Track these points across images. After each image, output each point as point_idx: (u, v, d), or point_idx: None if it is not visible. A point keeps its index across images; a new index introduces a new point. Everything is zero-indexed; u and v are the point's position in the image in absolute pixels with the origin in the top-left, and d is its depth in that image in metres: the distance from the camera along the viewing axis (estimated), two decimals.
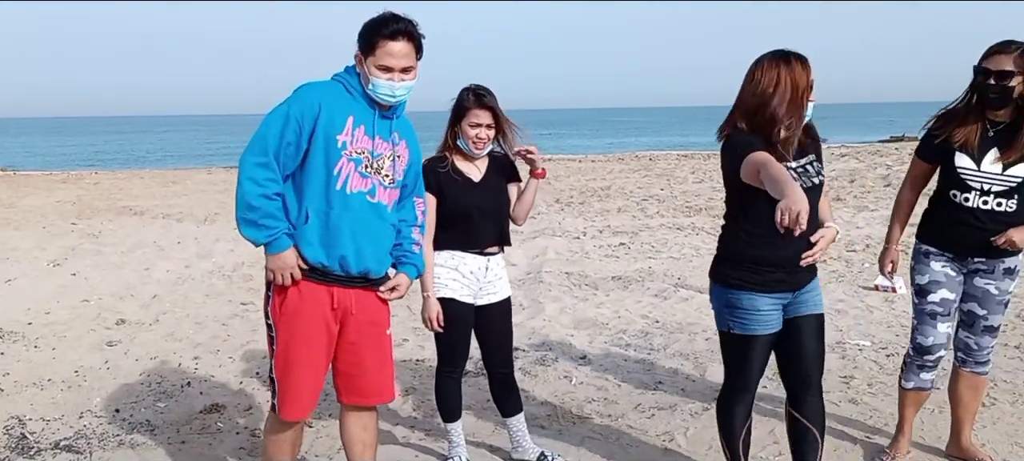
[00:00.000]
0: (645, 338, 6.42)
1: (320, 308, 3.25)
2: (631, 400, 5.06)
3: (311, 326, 3.25)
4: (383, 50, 3.11)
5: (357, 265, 3.24)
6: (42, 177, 21.98)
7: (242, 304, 7.61)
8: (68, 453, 4.42)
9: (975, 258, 3.87)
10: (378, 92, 3.17)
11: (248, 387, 5.41)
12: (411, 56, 3.17)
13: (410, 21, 3.16)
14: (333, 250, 3.20)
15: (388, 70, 3.13)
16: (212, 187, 17.98)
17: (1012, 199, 3.74)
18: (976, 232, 3.78)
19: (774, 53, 3.29)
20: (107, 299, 7.81)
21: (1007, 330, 6.40)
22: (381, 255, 3.33)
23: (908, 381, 4.09)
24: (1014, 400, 4.94)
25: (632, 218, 12.59)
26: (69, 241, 10.99)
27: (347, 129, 3.17)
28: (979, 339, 3.97)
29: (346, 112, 3.18)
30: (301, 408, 3.34)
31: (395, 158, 3.29)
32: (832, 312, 6.88)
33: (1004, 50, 3.64)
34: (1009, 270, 3.87)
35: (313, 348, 3.27)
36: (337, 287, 3.26)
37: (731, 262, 3.42)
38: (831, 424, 4.68)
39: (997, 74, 3.63)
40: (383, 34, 3.11)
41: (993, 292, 3.89)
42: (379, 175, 3.25)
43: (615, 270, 8.91)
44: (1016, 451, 4.30)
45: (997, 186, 3.73)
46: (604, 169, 20.92)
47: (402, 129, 3.34)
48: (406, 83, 3.18)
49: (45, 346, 6.29)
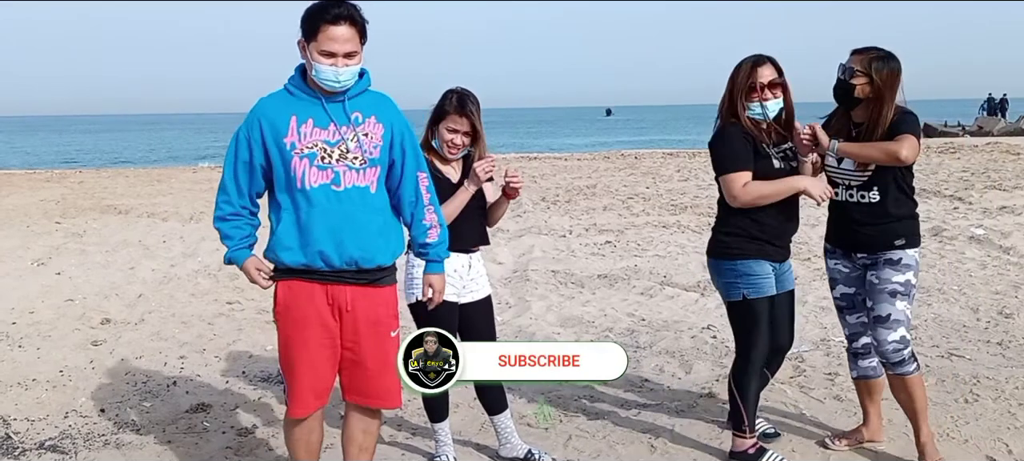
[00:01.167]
0: (631, 336, 6.45)
1: (314, 306, 3.27)
2: (617, 398, 5.08)
3: (305, 324, 3.28)
4: (325, 35, 3.11)
5: (339, 257, 3.23)
6: (25, 176, 21.83)
7: (228, 303, 7.59)
8: (53, 453, 4.40)
9: (858, 254, 4.02)
10: (322, 78, 3.16)
11: (234, 386, 5.40)
12: (354, 40, 3.15)
13: (353, 5, 3.16)
14: (310, 247, 3.22)
15: (331, 55, 3.13)
16: (197, 186, 17.90)
17: (873, 190, 3.90)
18: (852, 224, 3.98)
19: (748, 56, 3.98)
20: (92, 298, 7.77)
21: (989, 327, 6.46)
22: (366, 242, 3.26)
23: (852, 371, 4.31)
24: (996, 396, 4.98)
25: (618, 216, 12.61)
26: (53, 240, 10.93)
27: (292, 129, 3.20)
28: (875, 332, 3.97)
29: (288, 114, 3.22)
30: (303, 405, 3.36)
31: (360, 137, 3.24)
32: (817, 310, 6.93)
33: (859, 52, 3.88)
34: (891, 261, 3.92)
35: (309, 346, 3.29)
36: (331, 284, 3.27)
37: (737, 236, 3.97)
38: (817, 420, 4.73)
39: (846, 69, 3.87)
40: (325, 19, 3.11)
41: (875, 282, 3.95)
42: (345, 160, 3.22)
43: (601, 268, 8.93)
44: (999, 447, 4.34)
45: (854, 181, 3.94)
46: (590, 167, 20.95)
47: (367, 107, 3.28)
48: (351, 68, 3.17)
49: (29, 346, 6.26)
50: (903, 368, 3.96)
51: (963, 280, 7.93)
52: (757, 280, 3.96)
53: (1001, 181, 14.87)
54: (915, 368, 3.99)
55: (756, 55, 3.95)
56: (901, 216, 3.94)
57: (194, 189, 17.28)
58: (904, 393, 4.02)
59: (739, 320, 4.06)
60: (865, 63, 3.82)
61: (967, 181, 14.89)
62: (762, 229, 3.96)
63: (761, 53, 3.95)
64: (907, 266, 3.93)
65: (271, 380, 5.49)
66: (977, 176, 15.68)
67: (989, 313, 6.84)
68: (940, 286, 7.69)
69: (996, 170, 16.64)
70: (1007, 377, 5.29)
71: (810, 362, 5.70)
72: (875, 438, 4.31)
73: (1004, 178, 15.31)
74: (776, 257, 4.03)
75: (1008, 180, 14.99)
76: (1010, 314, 6.79)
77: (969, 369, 5.48)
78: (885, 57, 3.83)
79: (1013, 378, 5.27)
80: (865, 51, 3.86)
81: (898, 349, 3.92)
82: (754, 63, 3.91)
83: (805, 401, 5.02)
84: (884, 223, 3.92)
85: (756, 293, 3.97)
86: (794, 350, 5.90)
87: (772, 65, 3.92)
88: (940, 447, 4.32)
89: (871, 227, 3.94)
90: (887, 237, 3.93)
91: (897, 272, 3.92)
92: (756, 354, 4.03)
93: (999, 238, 9.79)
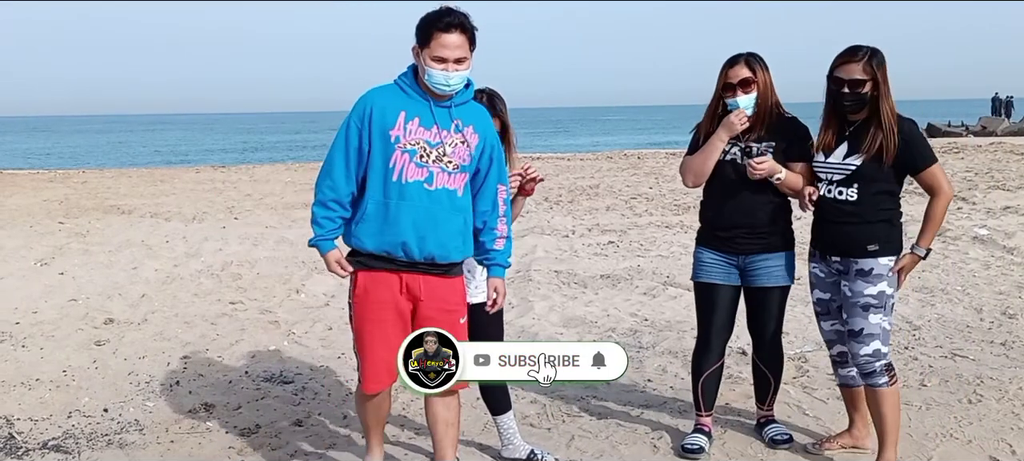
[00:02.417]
0: (634, 336, 6.44)
1: (389, 292, 3.52)
2: (620, 398, 5.08)
3: (379, 307, 3.53)
4: (437, 42, 3.35)
5: (420, 251, 3.47)
6: (28, 176, 21.86)
7: (231, 303, 7.59)
8: (56, 453, 4.40)
9: (832, 257, 3.95)
10: (433, 82, 3.40)
11: (237, 386, 5.41)
12: (464, 47, 3.40)
13: (464, 14, 3.40)
14: (394, 237, 3.46)
15: (442, 61, 3.36)
16: (200, 186, 17.92)
17: (851, 187, 3.84)
18: (827, 225, 3.94)
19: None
20: (95, 298, 7.78)
21: (993, 327, 6.45)
22: (445, 240, 3.49)
23: (836, 377, 4.33)
24: (999, 397, 4.97)
25: (621, 216, 12.61)
26: (56, 240, 10.94)
27: (399, 124, 3.43)
28: (849, 345, 3.94)
29: (398, 109, 3.45)
30: (377, 381, 3.61)
31: (457, 144, 3.48)
32: None
33: (852, 58, 3.80)
34: (862, 272, 3.83)
35: (384, 327, 3.53)
36: (405, 273, 3.51)
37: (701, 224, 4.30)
38: (820, 420, 4.72)
39: (850, 83, 3.78)
40: (438, 26, 3.35)
41: (848, 294, 3.89)
42: (440, 162, 3.45)
43: (604, 268, 8.93)
44: (1002, 447, 4.33)
45: (836, 174, 3.88)
46: (593, 168, 20.95)
47: (467, 116, 3.53)
48: (461, 73, 3.41)
49: (33, 346, 6.27)
50: (874, 380, 3.90)
51: (967, 280, 7.92)
52: (699, 267, 4.25)
53: (1005, 181, 14.85)
54: (887, 381, 3.88)
55: (734, 54, 4.11)
56: (878, 219, 3.84)
57: (197, 189, 17.31)
58: (875, 406, 3.95)
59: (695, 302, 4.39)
60: (866, 68, 3.76)
61: (971, 181, 14.87)
62: (706, 218, 4.25)
63: (739, 52, 4.10)
64: (879, 276, 3.82)
65: (274, 380, 5.50)
66: (981, 176, 15.66)
67: (993, 313, 6.83)
68: (944, 286, 7.68)
69: (1000, 170, 16.61)
70: (1011, 378, 5.29)
71: (813, 362, 5.69)
72: (859, 444, 4.26)
73: (1008, 178, 15.28)
74: (726, 248, 4.15)
75: (1012, 180, 14.96)
76: (1014, 314, 6.78)
77: (973, 370, 5.47)
78: (874, 53, 3.79)
79: (1017, 379, 5.27)
80: (854, 56, 3.79)
81: (870, 362, 3.88)
82: (729, 63, 4.08)
83: (808, 401, 5.02)
84: (857, 224, 3.84)
85: (695, 277, 4.28)
86: (797, 350, 5.91)
87: (746, 64, 4.06)
88: (943, 447, 4.32)
89: (845, 227, 3.87)
90: (860, 240, 3.83)
91: (869, 283, 3.83)
92: (701, 335, 4.31)
93: (1003, 238, 9.77)
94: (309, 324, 6.85)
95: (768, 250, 4.13)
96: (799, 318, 6.61)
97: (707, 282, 4.22)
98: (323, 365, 5.80)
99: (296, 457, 4.34)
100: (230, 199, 15.59)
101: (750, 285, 4.20)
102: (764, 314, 4.25)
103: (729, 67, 4.08)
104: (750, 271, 4.16)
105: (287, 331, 6.68)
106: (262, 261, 9.47)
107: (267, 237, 11.11)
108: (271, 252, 10.03)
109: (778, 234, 4.16)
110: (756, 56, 4.12)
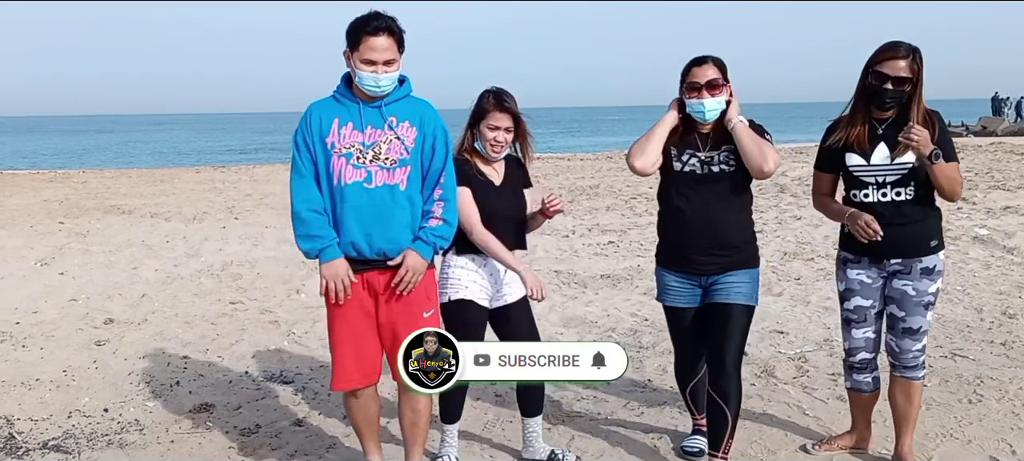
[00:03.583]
0: (634, 336, 6.44)
1: (354, 291, 3.58)
2: (620, 398, 5.08)
3: (347, 308, 3.61)
4: (366, 45, 3.43)
5: (370, 248, 3.54)
6: (29, 176, 21.88)
7: (231, 303, 7.59)
8: (57, 453, 4.41)
9: (891, 260, 3.83)
10: (363, 84, 3.48)
11: (237, 386, 5.41)
12: (393, 49, 3.47)
13: (391, 18, 3.47)
14: (344, 238, 3.54)
15: (372, 63, 3.44)
16: (200, 186, 17.94)
17: (909, 186, 3.75)
18: (885, 227, 3.72)
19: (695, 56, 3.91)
20: (95, 298, 7.78)
21: (993, 327, 6.45)
22: (394, 234, 3.55)
23: (846, 381, 4.18)
24: (1000, 397, 4.97)
25: (621, 216, 12.62)
26: (56, 240, 10.95)
27: (334, 131, 3.53)
28: (900, 341, 3.90)
29: (331, 116, 3.56)
30: (345, 380, 3.68)
31: (391, 141, 3.53)
32: (820, 310, 6.91)
33: (896, 53, 3.67)
34: (927, 270, 3.80)
35: (350, 327, 3.63)
36: (366, 272, 3.58)
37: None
38: (820, 420, 4.72)
39: (895, 79, 3.67)
40: (367, 30, 3.43)
41: (910, 293, 3.83)
42: (377, 161, 3.52)
43: (604, 268, 8.93)
44: (1002, 447, 4.33)
45: (891, 176, 3.75)
46: (593, 167, 20.96)
47: (402, 112, 3.57)
48: (390, 74, 3.48)
49: (33, 346, 6.27)
50: (915, 374, 3.94)
51: (967, 280, 7.92)
52: (664, 291, 4.04)
53: (1005, 181, 14.84)
54: (924, 374, 3.98)
55: (701, 55, 3.84)
56: (932, 214, 3.82)
57: (197, 189, 17.31)
58: (904, 397, 3.98)
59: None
60: (910, 66, 3.65)
61: (971, 181, 14.86)
62: (662, 238, 4.03)
63: (707, 54, 3.85)
64: (939, 273, 3.84)
65: (274, 379, 5.50)
66: (981, 176, 15.65)
67: (993, 313, 6.83)
68: (944, 286, 7.66)
69: (1000, 170, 16.61)
70: (1011, 377, 5.29)
71: (813, 362, 5.69)
72: (861, 445, 4.27)
73: (1008, 178, 15.28)
74: (683, 267, 3.91)
75: (1012, 180, 14.96)
76: (1014, 314, 6.78)
77: (973, 370, 5.47)
78: (916, 51, 3.69)
79: (1017, 379, 5.26)
80: (897, 51, 3.67)
81: (916, 357, 3.91)
82: (695, 63, 3.82)
83: (808, 401, 5.01)
84: (919, 221, 3.78)
85: (662, 300, 4.09)
86: (797, 350, 5.91)
87: (715, 66, 3.79)
88: (944, 447, 4.32)
89: (908, 227, 3.77)
90: (923, 238, 3.79)
91: (932, 281, 3.82)
92: (678, 354, 4.22)
93: (1003, 238, 9.77)
94: (309, 324, 6.85)
95: (732, 268, 3.85)
96: (799, 318, 6.61)
97: (673, 305, 4.03)
98: (323, 365, 5.79)
99: (296, 457, 4.35)
100: (230, 199, 15.60)
101: (712, 301, 3.88)
102: (725, 333, 3.83)
103: (695, 66, 3.81)
104: (712, 288, 3.88)
105: (287, 331, 6.68)
106: (262, 261, 9.47)
107: (267, 237, 11.11)
108: (271, 252, 10.03)
109: (743, 251, 3.87)
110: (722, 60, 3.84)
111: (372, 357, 3.69)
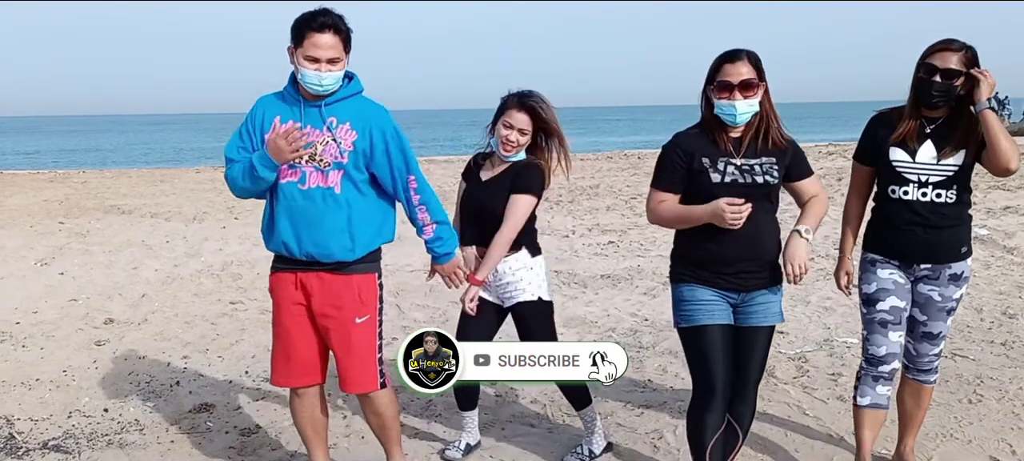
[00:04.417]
0: (634, 336, 6.44)
1: (288, 289, 3.57)
2: (620, 398, 5.08)
3: (280, 304, 3.60)
4: (310, 42, 3.32)
5: (298, 249, 3.47)
6: (28, 176, 21.86)
7: (231, 303, 7.59)
8: (57, 453, 4.41)
9: (921, 265, 3.70)
10: (306, 81, 3.37)
11: (237, 386, 5.41)
12: (338, 48, 3.35)
13: (338, 15, 3.37)
14: (276, 237, 3.51)
15: (315, 61, 3.33)
16: (200, 186, 17.92)
17: (951, 189, 3.61)
18: (919, 229, 3.62)
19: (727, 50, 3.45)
20: (95, 298, 7.78)
21: (993, 327, 6.45)
22: (323, 238, 3.43)
23: (863, 397, 3.85)
24: (1000, 397, 4.97)
25: (621, 216, 12.61)
26: (56, 240, 10.95)
27: (273, 128, 3.44)
28: (918, 345, 3.85)
29: (274, 113, 3.48)
30: (283, 376, 3.67)
31: (328, 142, 3.42)
32: (820, 310, 6.92)
33: (950, 47, 3.55)
34: (955, 276, 3.70)
35: (283, 321, 3.59)
36: (301, 271, 3.53)
37: (676, 257, 3.56)
38: (820, 421, 4.72)
39: (944, 72, 3.52)
40: (312, 26, 3.32)
41: (936, 298, 3.73)
42: (313, 161, 3.41)
43: (604, 268, 8.93)
44: (1002, 447, 4.33)
45: (934, 176, 3.61)
46: (593, 168, 20.94)
47: (343, 113, 3.45)
48: (334, 73, 3.36)
49: (33, 346, 6.27)
50: (929, 377, 3.92)
51: None
52: (688, 308, 3.46)
53: (1005, 181, 14.84)
54: (937, 378, 3.97)
55: (733, 49, 3.39)
56: (967, 220, 3.70)
57: (197, 189, 17.30)
58: (913, 400, 3.97)
59: (685, 354, 3.59)
60: (963, 60, 3.52)
61: (971, 181, 14.85)
62: (694, 251, 3.45)
63: (741, 48, 3.41)
64: (966, 279, 3.74)
65: None
66: (981, 176, 15.58)
67: (993, 313, 6.83)
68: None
69: None
70: (1011, 378, 5.29)
71: (813, 362, 5.69)
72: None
73: (1008, 178, 15.26)
74: (719, 284, 3.43)
75: (1012, 180, 14.95)
76: (1014, 314, 6.78)
77: (973, 370, 5.47)
78: (970, 47, 3.55)
79: (1017, 379, 5.27)
80: (950, 45, 3.54)
81: (933, 362, 3.89)
82: (727, 58, 3.36)
83: (808, 401, 5.01)
84: (956, 226, 3.65)
85: (685, 322, 3.47)
86: (797, 350, 5.91)
87: (749, 62, 3.33)
88: (944, 447, 4.33)
89: (944, 231, 3.63)
90: (956, 244, 3.66)
91: (958, 288, 3.73)
92: (700, 388, 3.49)
93: (1003, 238, 9.78)
94: None
95: (768, 285, 3.48)
96: (799, 318, 6.61)
97: (708, 324, 3.42)
98: None
99: (296, 457, 4.34)
100: (230, 199, 15.57)
101: (742, 324, 3.48)
102: (753, 357, 3.51)
103: (727, 62, 3.34)
104: (744, 308, 3.48)
105: None
106: (262, 261, 9.46)
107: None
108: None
109: (778, 268, 3.49)
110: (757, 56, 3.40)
111: (307, 356, 3.61)
